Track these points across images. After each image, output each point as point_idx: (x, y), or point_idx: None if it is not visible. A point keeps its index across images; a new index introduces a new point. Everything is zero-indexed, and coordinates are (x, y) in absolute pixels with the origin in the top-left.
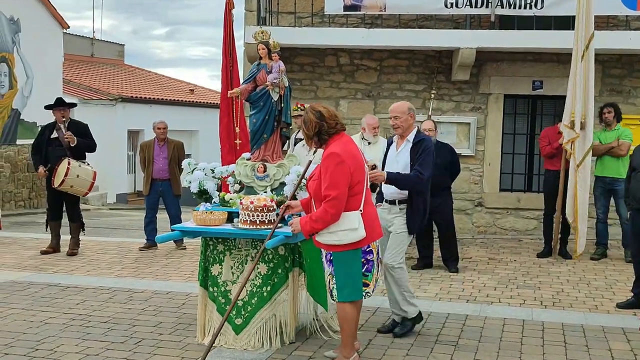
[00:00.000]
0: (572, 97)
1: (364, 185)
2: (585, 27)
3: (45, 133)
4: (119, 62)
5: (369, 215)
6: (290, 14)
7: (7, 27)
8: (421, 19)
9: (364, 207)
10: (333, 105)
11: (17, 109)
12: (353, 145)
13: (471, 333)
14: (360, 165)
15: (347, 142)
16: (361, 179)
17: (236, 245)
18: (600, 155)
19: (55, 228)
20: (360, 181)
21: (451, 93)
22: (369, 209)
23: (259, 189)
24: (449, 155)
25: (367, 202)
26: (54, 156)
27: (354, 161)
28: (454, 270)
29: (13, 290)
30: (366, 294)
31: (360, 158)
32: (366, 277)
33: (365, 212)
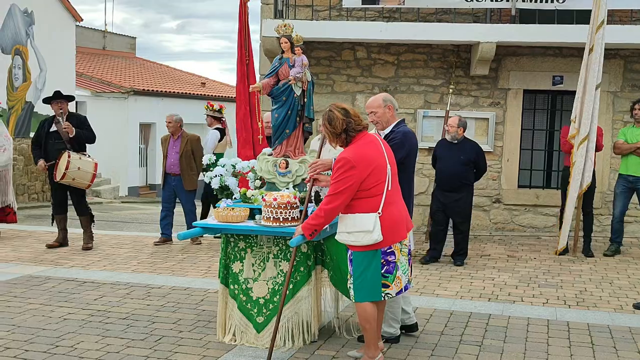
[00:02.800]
0: (581, 92)
1: (384, 186)
2: (595, 19)
3: (45, 126)
4: (131, 55)
5: (391, 217)
6: (307, 7)
7: (21, 19)
8: (440, 13)
9: (384, 209)
10: (350, 100)
11: (30, 101)
12: (372, 147)
13: (495, 333)
14: (380, 165)
15: (365, 144)
16: (380, 180)
17: (258, 243)
18: (625, 154)
19: (62, 222)
20: (380, 182)
21: (469, 88)
22: (392, 210)
23: (280, 185)
24: (474, 153)
25: (389, 203)
26: (53, 149)
27: (369, 164)
28: (459, 264)
29: (30, 285)
30: (386, 295)
31: (380, 159)
32: (386, 279)
33: (386, 214)
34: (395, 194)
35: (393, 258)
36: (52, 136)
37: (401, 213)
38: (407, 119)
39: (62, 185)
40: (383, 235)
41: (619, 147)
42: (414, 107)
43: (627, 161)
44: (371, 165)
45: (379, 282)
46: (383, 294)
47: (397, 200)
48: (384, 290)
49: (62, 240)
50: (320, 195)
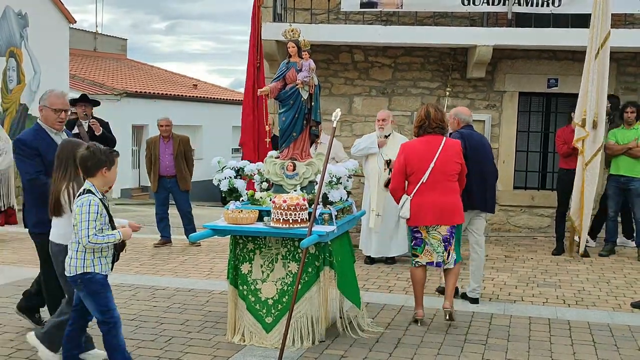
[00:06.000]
0: (584, 96)
1: (419, 177)
2: (601, 25)
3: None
4: (122, 56)
5: (418, 203)
6: (305, 10)
7: (15, 21)
8: (437, 16)
9: (415, 195)
10: (347, 102)
11: (25, 103)
12: (426, 145)
13: (499, 332)
14: (423, 161)
15: (423, 142)
16: (416, 171)
17: (266, 244)
18: (616, 155)
19: None
20: (415, 173)
21: (466, 90)
22: (422, 199)
23: (288, 188)
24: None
25: (421, 192)
26: None
27: (414, 155)
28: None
29: None
30: (415, 262)
31: (428, 156)
32: (415, 250)
33: (415, 199)
34: (435, 188)
35: (419, 236)
36: None
37: (433, 205)
38: (405, 121)
39: None
40: (410, 215)
41: (611, 148)
42: (411, 109)
43: (617, 162)
44: (415, 157)
45: (414, 252)
46: (414, 262)
47: (436, 194)
48: (414, 259)
49: None
50: (328, 197)
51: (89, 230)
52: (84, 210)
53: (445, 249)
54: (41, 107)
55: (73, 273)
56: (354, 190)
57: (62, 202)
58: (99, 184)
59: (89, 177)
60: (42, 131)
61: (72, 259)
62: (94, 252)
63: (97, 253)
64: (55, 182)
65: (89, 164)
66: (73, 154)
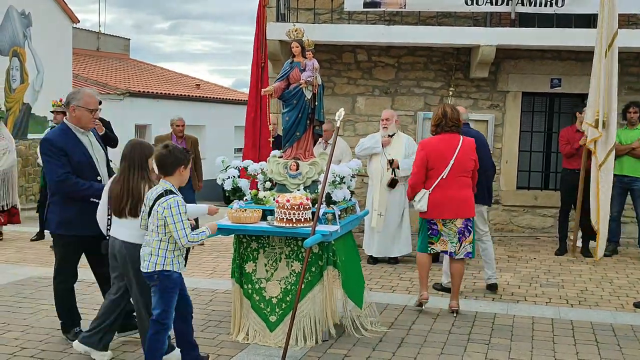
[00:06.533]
0: (595, 96)
1: (438, 173)
2: (608, 25)
3: None
4: (125, 56)
5: (436, 197)
6: (309, 10)
7: (18, 21)
8: (440, 16)
9: (434, 190)
10: (350, 102)
11: (28, 103)
12: (445, 143)
13: (502, 332)
14: (442, 158)
15: (441, 139)
16: (435, 167)
17: (270, 243)
18: (620, 155)
19: None
20: (434, 169)
21: (469, 90)
22: (440, 193)
23: (291, 187)
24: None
25: (440, 186)
26: None
27: (433, 152)
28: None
29: (39, 286)
30: (431, 249)
31: (447, 154)
32: (431, 239)
33: (433, 194)
34: (454, 184)
35: (436, 227)
36: None
37: (451, 199)
38: (408, 121)
39: None
40: (428, 208)
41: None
42: (415, 109)
43: (621, 162)
44: (434, 153)
45: (426, 240)
46: (429, 249)
47: (454, 189)
48: (430, 246)
49: None
50: (331, 197)
51: (185, 230)
52: (175, 211)
53: (459, 240)
54: (74, 106)
55: (152, 269)
56: (357, 190)
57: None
58: (175, 182)
59: (167, 175)
60: (69, 131)
61: (152, 255)
62: (174, 251)
63: (176, 252)
64: (127, 182)
65: (168, 162)
66: (145, 153)
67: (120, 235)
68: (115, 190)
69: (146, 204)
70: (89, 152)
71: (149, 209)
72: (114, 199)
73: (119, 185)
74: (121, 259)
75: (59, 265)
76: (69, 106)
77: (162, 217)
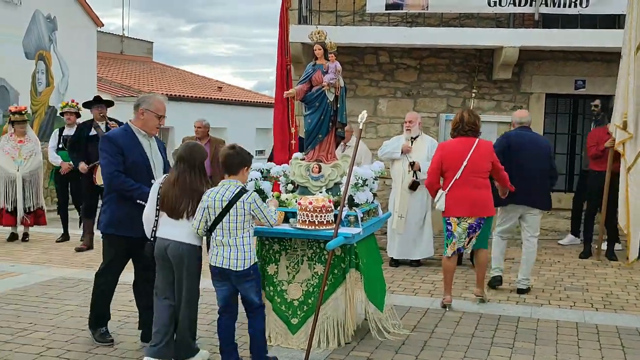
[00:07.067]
0: (624, 97)
1: (453, 174)
2: (638, 25)
3: (84, 131)
4: (148, 59)
5: (453, 196)
6: (330, 12)
7: (44, 25)
8: (463, 17)
9: (451, 190)
10: (372, 104)
11: (53, 106)
12: (460, 146)
13: (526, 335)
14: (456, 158)
15: (457, 142)
16: (450, 169)
17: (292, 246)
18: None
19: (90, 226)
20: (449, 170)
21: (492, 92)
22: (455, 193)
23: (313, 189)
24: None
25: (457, 186)
26: (94, 153)
27: (449, 154)
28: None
29: (64, 287)
30: (446, 254)
31: (461, 155)
32: (447, 240)
33: (450, 193)
34: (468, 184)
35: (450, 228)
36: (92, 140)
37: (464, 199)
38: (430, 122)
39: (94, 190)
40: (445, 207)
41: None
42: (437, 111)
43: None
44: (450, 156)
45: (446, 241)
46: (446, 252)
47: (468, 189)
48: (446, 249)
49: (90, 244)
50: (354, 199)
51: (272, 213)
52: (259, 202)
53: (467, 236)
54: (143, 110)
55: (247, 266)
56: (379, 192)
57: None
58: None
59: (232, 174)
60: (131, 132)
61: (245, 252)
62: (254, 243)
63: (254, 244)
64: (189, 184)
65: (235, 162)
66: (203, 156)
67: (176, 236)
68: (171, 192)
69: (212, 206)
70: (147, 154)
71: (222, 210)
72: (170, 200)
73: (177, 186)
74: (177, 260)
75: (105, 264)
76: (138, 108)
77: (250, 212)
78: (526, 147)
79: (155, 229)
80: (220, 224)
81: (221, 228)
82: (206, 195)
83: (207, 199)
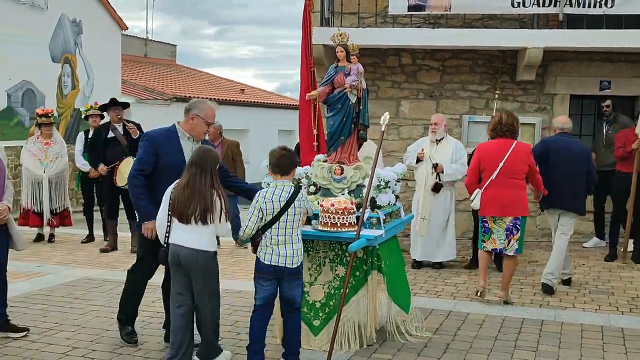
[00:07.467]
0: None
1: (489, 174)
2: None
3: (101, 133)
4: (171, 62)
5: (487, 196)
6: (353, 14)
7: (70, 29)
8: (486, 19)
9: (486, 189)
10: (394, 106)
11: (78, 108)
12: (498, 148)
13: (550, 339)
14: (493, 159)
15: (495, 143)
16: (487, 169)
17: (314, 247)
18: None
19: (113, 227)
20: (486, 170)
21: (515, 93)
22: (491, 193)
23: (335, 191)
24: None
25: (492, 185)
26: (113, 155)
27: (487, 154)
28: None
29: (89, 287)
30: (483, 247)
31: (498, 157)
32: (484, 237)
33: (485, 192)
34: (504, 184)
35: (487, 225)
36: (111, 142)
37: (499, 199)
38: (453, 124)
39: (115, 191)
40: (480, 206)
41: None
42: (459, 112)
43: None
44: (488, 157)
45: (481, 239)
46: (482, 246)
47: (503, 189)
48: (483, 244)
49: (114, 244)
50: (376, 201)
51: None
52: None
53: (506, 237)
54: (193, 115)
55: (300, 263)
56: (402, 194)
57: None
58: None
59: (283, 175)
60: (174, 133)
61: (298, 250)
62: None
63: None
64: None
65: (288, 162)
66: (217, 161)
67: (189, 243)
68: (181, 196)
69: (268, 207)
70: (184, 159)
71: (280, 209)
72: (179, 204)
73: (187, 190)
74: (192, 267)
75: (137, 261)
76: (188, 112)
77: (305, 208)
78: (564, 152)
79: (168, 235)
80: (277, 223)
81: (277, 227)
82: (259, 196)
83: (261, 200)
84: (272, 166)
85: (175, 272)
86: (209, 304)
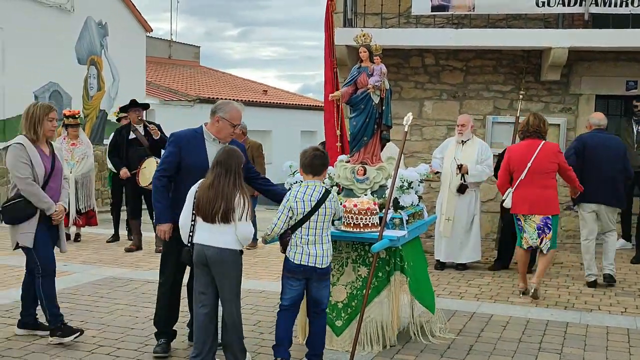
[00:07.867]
0: None
1: (519, 175)
2: None
3: (123, 134)
4: (195, 63)
5: (518, 196)
6: (376, 15)
7: (96, 31)
8: (510, 18)
9: (517, 189)
10: (417, 106)
11: (104, 109)
12: (526, 149)
13: (575, 342)
14: (522, 159)
15: (524, 145)
16: (517, 169)
17: (336, 248)
18: None
19: (137, 226)
20: (516, 170)
21: (540, 94)
22: (522, 191)
23: (358, 192)
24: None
25: (522, 185)
26: (135, 156)
27: (516, 155)
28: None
29: (115, 286)
30: (521, 245)
31: (526, 157)
32: (519, 234)
33: (516, 191)
34: (532, 184)
35: (520, 223)
36: (132, 143)
37: (528, 198)
38: (476, 125)
39: (138, 191)
40: (512, 204)
41: None
42: (483, 113)
43: None
44: (517, 158)
45: (518, 236)
46: (520, 243)
47: (532, 188)
48: (521, 241)
49: (139, 244)
50: (399, 202)
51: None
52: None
53: (538, 236)
54: (219, 117)
55: (329, 264)
56: (425, 195)
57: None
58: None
59: (316, 175)
60: (200, 135)
61: (328, 250)
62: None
63: None
64: (222, 188)
65: (321, 163)
66: (242, 161)
67: (216, 242)
68: (205, 195)
69: (299, 206)
70: (208, 160)
71: (311, 209)
72: (204, 204)
73: (211, 190)
74: (219, 266)
75: (160, 263)
76: (214, 115)
77: (335, 209)
78: (600, 148)
79: (192, 235)
80: (307, 222)
81: (307, 227)
82: (290, 195)
83: (292, 199)
84: (304, 166)
85: (200, 272)
86: (233, 304)
